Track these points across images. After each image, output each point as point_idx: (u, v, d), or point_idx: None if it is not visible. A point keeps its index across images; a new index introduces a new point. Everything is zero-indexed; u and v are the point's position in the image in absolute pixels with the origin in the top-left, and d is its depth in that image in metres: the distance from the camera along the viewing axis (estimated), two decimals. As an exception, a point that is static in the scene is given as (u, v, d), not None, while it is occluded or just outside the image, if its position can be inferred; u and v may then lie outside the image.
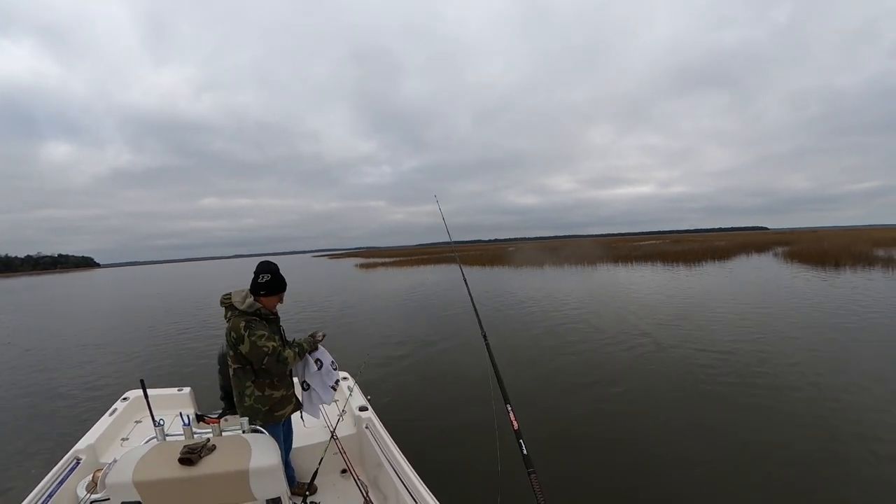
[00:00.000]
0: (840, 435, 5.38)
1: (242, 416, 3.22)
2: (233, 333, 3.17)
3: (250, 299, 3.27)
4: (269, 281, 3.30)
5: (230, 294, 3.34)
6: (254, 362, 3.16)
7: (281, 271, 3.44)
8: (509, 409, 2.48)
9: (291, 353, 3.24)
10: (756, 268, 27.28)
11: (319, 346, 3.64)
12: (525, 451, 2.17)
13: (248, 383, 3.23)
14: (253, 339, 3.11)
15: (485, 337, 3.40)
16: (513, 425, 2.36)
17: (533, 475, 2.03)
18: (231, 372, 3.30)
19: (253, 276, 3.33)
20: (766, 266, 27.95)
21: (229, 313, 3.29)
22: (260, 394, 3.26)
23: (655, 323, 11.78)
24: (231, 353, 3.23)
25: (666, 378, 7.60)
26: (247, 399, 3.24)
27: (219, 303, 3.39)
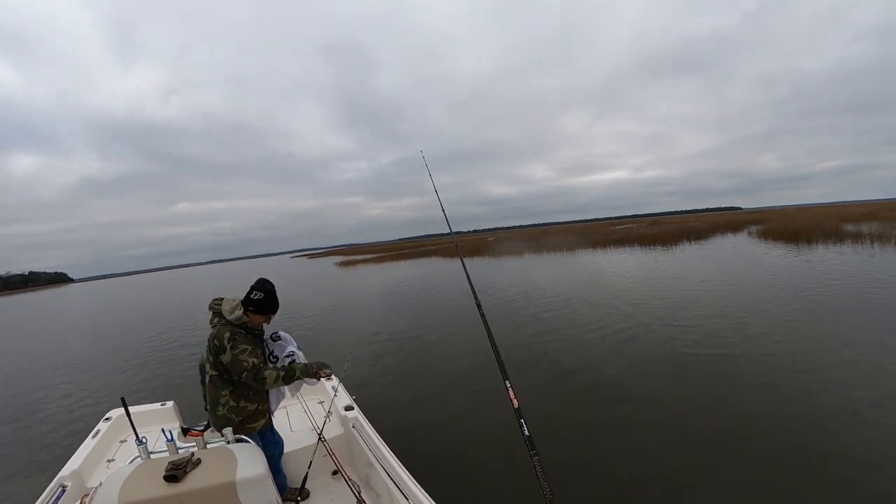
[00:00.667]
0: (817, 396, 5.74)
1: (213, 424, 3.18)
2: (216, 341, 3.11)
3: (240, 311, 3.20)
4: (261, 300, 3.23)
5: (221, 300, 3.28)
6: (232, 374, 3.09)
7: (276, 290, 3.38)
8: (508, 385, 2.30)
9: (272, 375, 3.09)
10: (731, 246, 27.94)
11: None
12: (526, 432, 2.04)
13: (225, 392, 3.15)
14: (235, 351, 3.05)
15: (479, 306, 3.23)
16: (512, 403, 2.18)
17: (536, 457, 1.92)
18: (207, 378, 3.22)
19: (249, 289, 3.27)
20: (740, 244, 28.63)
21: (216, 320, 3.23)
22: (234, 404, 3.18)
23: (638, 304, 11.97)
24: (210, 359, 3.16)
25: (653, 356, 7.76)
26: (220, 408, 3.16)
27: (202, 309, 3.35)
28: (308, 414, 4.33)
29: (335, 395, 4.44)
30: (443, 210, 4.90)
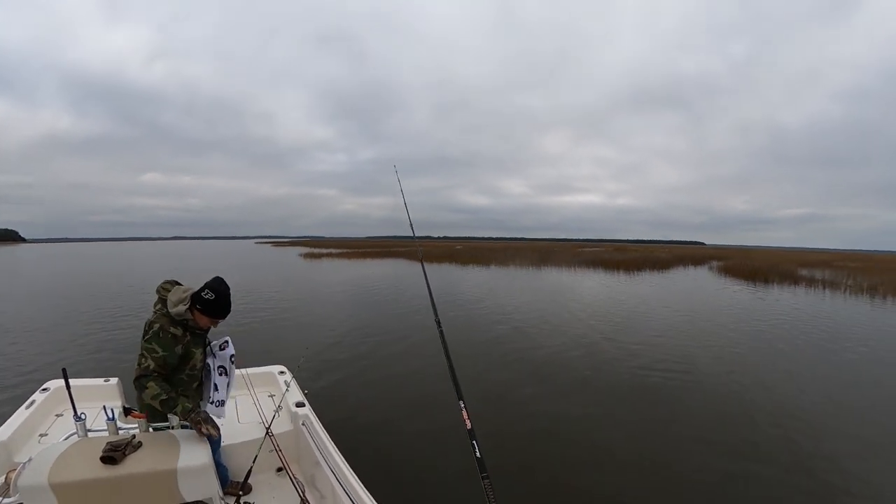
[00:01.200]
0: (758, 420, 6.24)
1: (140, 410, 2.91)
2: (146, 326, 2.91)
3: (184, 307, 2.94)
4: (211, 301, 2.97)
5: (171, 285, 3.08)
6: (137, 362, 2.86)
7: (230, 295, 3.12)
8: (462, 405, 2.22)
9: (153, 391, 2.72)
10: (692, 279, 28.79)
11: (220, 378, 3.32)
12: (478, 454, 1.95)
13: (150, 381, 2.82)
14: (147, 345, 2.82)
15: (438, 323, 3.07)
16: (466, 424, 2.11)
17: (486, 480, 1.84)
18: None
19: (202, 286, 3.02)
20: (701, 278, 29.55)
21: (159, 306, 3.01)
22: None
23: (598, 325, 12.13)
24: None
25: (610, 377, 7.92)
26: (146, 397, 2.84)
27: (154, 289, 3.15)
28: (257, 406, 4.15)
29: (287, 390, 4.30)
30: (409, 220, 4.85)
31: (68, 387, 3.24)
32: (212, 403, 3.24)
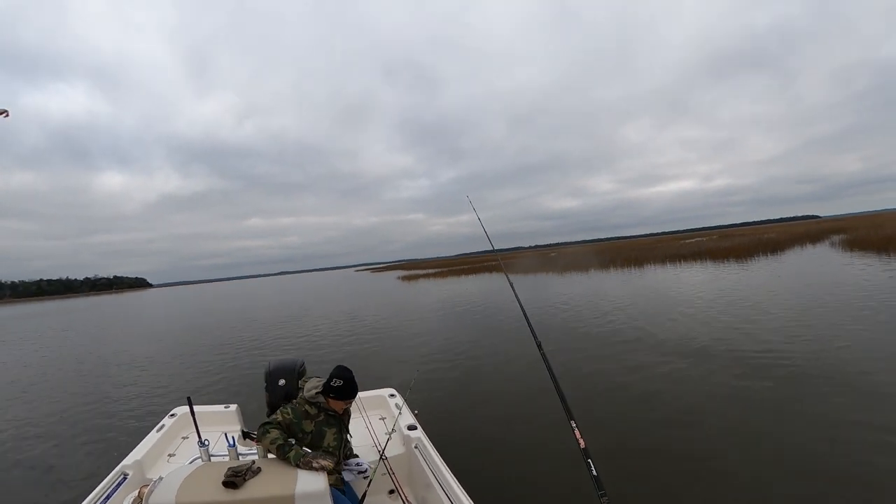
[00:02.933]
0: None
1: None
2: (289, 404, 3.28)
3: (315, 391, 3.30)
4: (341, 387, 3.26)
5: (309, 378, 3.47)
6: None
7: (354, 378, 3.37)
8: (574, 425, 2.22)
9: (273, 435, 2.99)
10: (812, 259, 25.94)
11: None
12: (595, 472, 1.93)
13: (273, 429, 3.12)
14: (283, 409, 3.21)
15: (539, 346, 3.09)
16: (579, 443, 2.10)
17: (604, 498, 1.82)
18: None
19: (328, 376, 3.31)
20: (823, 256, 26.51)
21: (301, 394, 3.36)
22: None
23: (716, 330, 11.10)
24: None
25: (731, 392, 6.95)
26: (265, 441, 3.10)
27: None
28: (370, 430, 4.24)
29: (399, 414, 4.36)
30: (486, 234, 5.34)
31: (193, 414, 3.54)
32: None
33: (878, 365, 7.15)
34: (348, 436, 3.50)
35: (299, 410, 3.22)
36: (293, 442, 3.05)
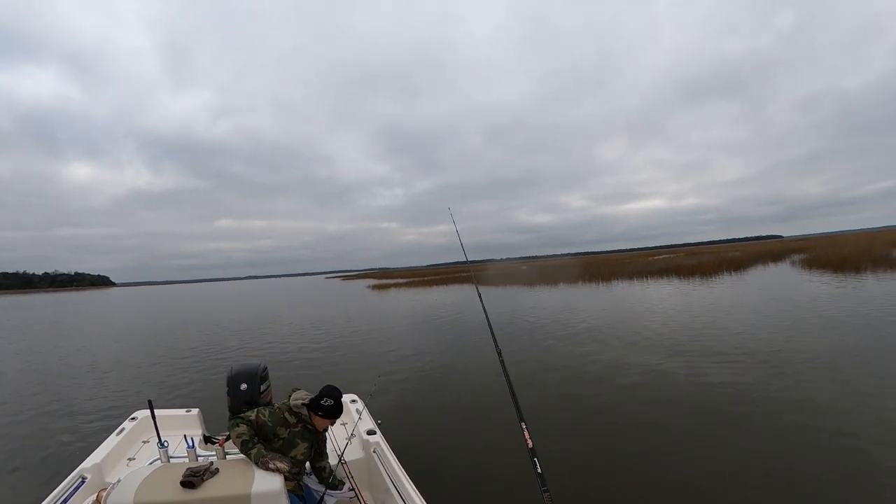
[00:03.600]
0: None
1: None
2: (269, 407, 3.34)
3: (301, 402, 3.32)
4: (331, 407, 3.28)
5: (298, 390, 3.47)
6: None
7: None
8: (524, 426, 2.43)
9: (241, 430, 3.10)
10: (773, 276, 26.91)
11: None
12: (539, 469, 2.14)
13: (244, 424, 3.20)
14: (261, 409, 3.25)
15: (499, 353, 3.32)
16: (527, 444, 2.33)
17: (546, 493, 2.01)
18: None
19: (318, 394, 3.33)
20: (783, 275, 27.52)
21: (286, 402, 3.39)
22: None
23: (674, 340, 11.49)
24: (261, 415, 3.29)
25: (686, 398, 7.29)
26: (232, 434, 3.19)
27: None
28: (331, 435, 4.28)
29: (359, 419, 4.43)
30: (459, 240, 5.54)
31: (154, 417, 3.53)
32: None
33: (827, 376, 7.52)
34: (328, 462, 3.58)
35: (278, 416, 3.25)
36: (257, 440, 3.10)
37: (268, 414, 3.23)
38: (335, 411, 3.31)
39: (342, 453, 3.75)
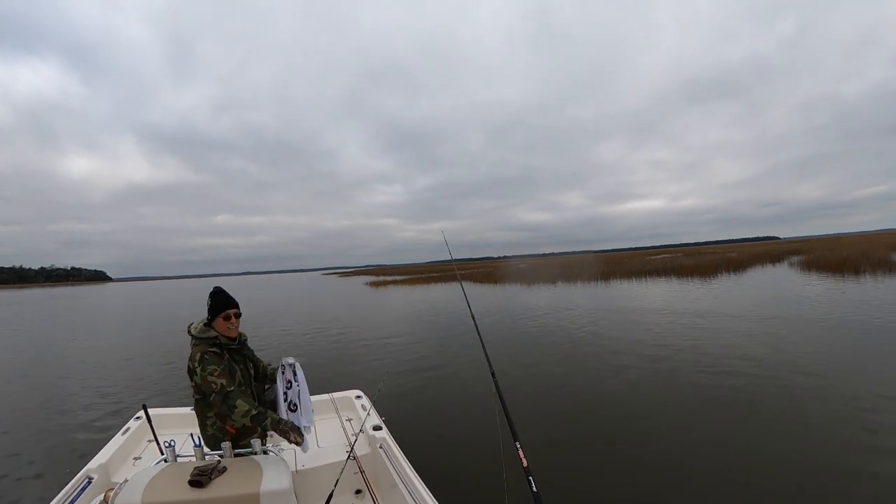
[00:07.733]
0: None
1: (206, 444, 3.15)
2: (189, 363, 3.11)
3: (204, 325, 3.25)
4: (217, 300, 3.27)
5: (192, 323, 3.34)
6: (207, 395, 3.06)
7: (229, 290, 3.40)
8: (518, 446, 2.44)
9: (244, 408, 2.93)
10: (771, 278, 26.94)
11: (294, 383, 3.60)
12: (535, 489, 2.12)
13: (210, 414, 3.15)
14: (204, 372, 3.01)
15: (493, 375, 3.34)
16: (521, 462, 2.33)
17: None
18: (194, 401, 3.23)
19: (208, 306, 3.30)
20: (782, 276, 27.56)
21: (193, 341, 3.23)
22: (222, 424, 3.17)
23: (675, 343, 11.34)
24: (191, 381, 3.15)
25: (688, 406, 7.00)
26: (209, 429, 3.16)
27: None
28: (336, 431, 4.29)
29: (367, 415, 4.43)
30: (449, 252, 5.70)
31: (149, 420, 3.52)
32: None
33: (821, 380, 7.48)
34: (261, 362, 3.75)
35: (213, 358, 3.09)
36: (258, 405, 3.05)
37: (214, 365, 3.03)
38: (225, 301, 3.28)
39: (351, 448, 3.76)
